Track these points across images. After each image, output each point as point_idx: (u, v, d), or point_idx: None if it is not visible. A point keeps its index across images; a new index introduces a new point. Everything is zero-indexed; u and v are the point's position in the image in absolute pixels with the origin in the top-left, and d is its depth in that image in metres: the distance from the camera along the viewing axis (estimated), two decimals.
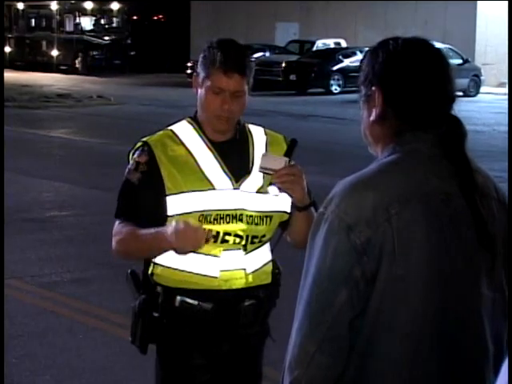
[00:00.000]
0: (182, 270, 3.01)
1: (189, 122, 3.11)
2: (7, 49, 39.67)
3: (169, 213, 2.98)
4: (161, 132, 3.13)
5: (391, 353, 1.97)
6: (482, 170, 2.13)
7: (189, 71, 33.02)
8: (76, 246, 8.36)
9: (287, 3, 37.49)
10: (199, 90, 3.03)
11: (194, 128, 3.08)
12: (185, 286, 3.01)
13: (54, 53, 39.10)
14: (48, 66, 37.98)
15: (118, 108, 23.16)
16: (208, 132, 3.05)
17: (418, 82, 2.06)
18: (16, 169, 11.99)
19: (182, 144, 3.04)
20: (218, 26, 39.62)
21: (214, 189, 2.97)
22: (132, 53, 40.13)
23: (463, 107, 23.30)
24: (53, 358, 5.61)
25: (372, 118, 2.11)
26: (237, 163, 3.03)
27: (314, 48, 32.21)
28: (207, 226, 2.89)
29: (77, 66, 38.10)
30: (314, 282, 1.99)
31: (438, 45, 2.10)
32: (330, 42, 33.21)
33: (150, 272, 3.12)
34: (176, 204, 2.97)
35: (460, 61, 28.66)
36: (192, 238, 2.80)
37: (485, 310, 2.04)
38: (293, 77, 28.66)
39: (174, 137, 3.06)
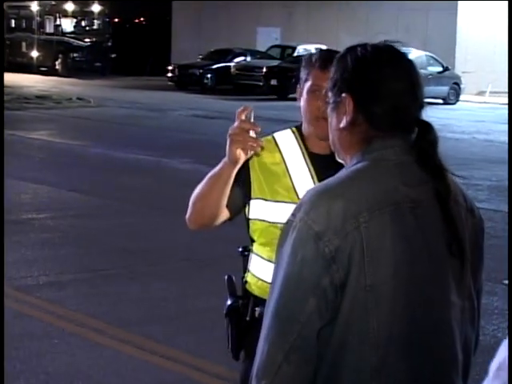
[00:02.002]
0: (265, 281, 2.98)
1: (292, 131, 3.09)
2: None
3: (250, 216, 3.00)
4: (266, 137, 3.07)
5: (361, 362, 1.95)
6: (451, 176, 2.11)
7: (170, 74, 33.00)
8: (53, 249, 8.29)
9: (269, 8, 37.52)
10: (301, 99, 3.02)
11: (296, 137, 3.06)
12: (266, 296, 2.97)
13: (34, 54, 38.95)
14: (28, 68, 37.83)
15: (98, 110, 23.08)
16: (310, 144, 3.02)
17: (387, 87, 2.05)
18: None
19: (279, 151, 3.02)
20: (199, 30, 39.62)
21: None
22: (113, 55, 40.06)
23: (443, 115, 23.38)
24: (27, 362, 5.54)
25: (342, 125, 2.10)
26: None
27: (296, 53, 32.23)
28: None
29: (57, 67, 37.97)
30: (282, 290, 1.96)
31: (418, 52, 2.10)
32: (312, 48, 33.22)
33: (244, 279, 3.14)
34: (258, 209, 2.99)
35: (440, 68, 28.80)
36: (237, 133, 2.71)
37: (454, 318, 2.03)
38: (274, 82, 28.68)
39: (273, 143, 3.04)
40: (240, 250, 3.25)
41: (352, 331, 1.94)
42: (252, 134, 2.73)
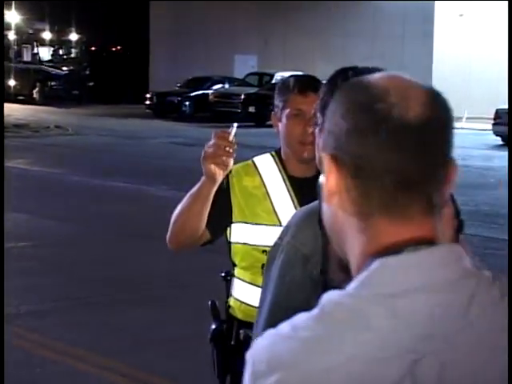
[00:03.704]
0: (249, 305, 2.99)
1: (272, 155, 3.12)
2: None
3: (232, 239, 3.02)
4: (246, 162, 3.13)
5: None
6: None
7: (148, 102, 33.03)
8: (33, 278, 8.25)
9: (245, 35, 37.70)
10: (279, 125, 3.04)
11: (275, 161, 3.09)
12: (250, 320, 2.98)
13: (12, 83, 38.85)
14: (5, 96, 37.73)
15: (76, 138, 23.05)
16: (289, 167, 3.05)
17: None
18: None
19: (259, 175, 3.05)
20: (176, 58, 39.72)
21: (280, 225, 2.84)
22: (90, 83, 40.05)
23: None
24: None
25: None
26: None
27: (273, 80, 32.34)
28: None
29: (34, 96, 37.90)
30: (270, 312, 1.97)
31: None
32: (289, 75, 33.41)
33: (228, 304, 3.14)
34: (239, 232, 3.00)
35: None
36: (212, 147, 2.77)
37: None
38: (252, 109, 28.78)
39: (253, 167, 3.07)
40: (222, 274, 3.26)
41: None
42: (227, 149, 2.77)
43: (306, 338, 1.13)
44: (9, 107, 34.18)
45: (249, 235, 2.99)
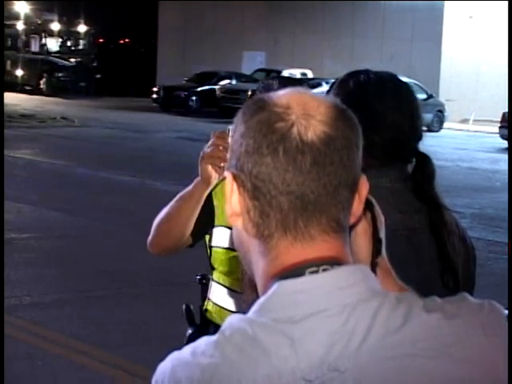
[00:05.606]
0: (227, 309, 2.95)
1: None
2: None
3: (213, 243, 2.94)
4: None
5: None
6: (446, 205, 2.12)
7: (154, 96, 33.03)
8: (36, 270, 8.24)
9: (254, 32, 37.68)
10: None
11: None
12: None
13: (19, 73, 38.90)
14: (12, 86, 37.74)
15: (82, 130, 23.05)
16: None
17: (390, 119, 2.04)
18: None
19: None
20: (184, 52, 39.71)
21: None
22: (97, 75, 40.09)
23: (427, 142, 23.23)
24: None
25: None
26: None
27: None
28: None
29: (41, 86, 37.93)
30: None
31: (403, 79, 2.11)
32: (297, 72, 33.38)
33: (204, 307, 3.09)
34: (220, 237, 2.92)
35: (424, 96, 28.95)
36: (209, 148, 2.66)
37: None
38: None
39: None
40: (198, 277, 3.21)
41: None
42: (226, 152, 2.70)
43: (203, 364, 1.11)
44: (16, 97, 34.21)
45: (231, 240, 2.90)
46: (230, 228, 2.84)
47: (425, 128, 21.26)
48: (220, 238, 2.93)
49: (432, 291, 2.00)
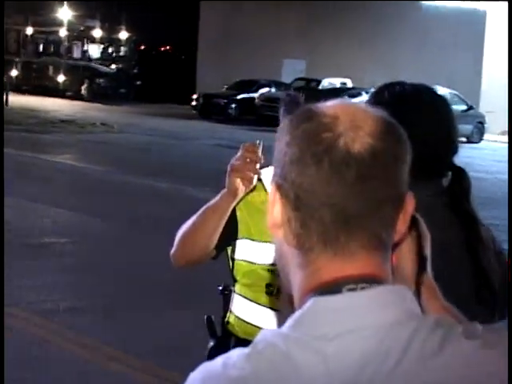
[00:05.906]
0: (249, 323, 2.93)
1: None
2: (14, 72, 39.82)
3: (236, 256, 2.91)
4: None
5: None
6: (481, 220, 2.09)
7: (194, 103, 33.17)
8: (72, 275, 8.30)
9: (295, 40, 37.70)
10: None
11: None
12: (251, 338, 2.93)
13: (61, 78, 39.28)
14: (54, 92, 38.13)
15: (121, 136, 23.19)
16: None
17: (423, 129, 2.01)
18: (16, 193, 11.95)
19: (265, 189, 2.85)
20: (224, 60, 39.83)
21: None
22: (138, 82, 40.36)
23: (466, 153, 23.31)
24: None
25: None
26: None
27: (320, 86, 32.33)
28: (274, 281, 2.78)
29: (82, 92, 38.27)
30: None
31: (443, 89, 2.11)
32: (337, 82, 33.35)
33: (226, 319, 3.06)
34: (244, 249, 2.90)
35: (465, 107, 28.77)
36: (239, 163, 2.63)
37: None
38: None
39: (259, 181, 2.81)
40: (220, 288, 3.17)
41: None
42: (254, 166, 2.65)
43: (232, 377, 1.10)
44: (57, 103, 34.54)
45: (254, 253, 2.88)
46: (254, 240, 2.85)
47: (464, 139, 21.16)
48: (243, 250, 2.91)
49: (467, 309, 1.97)
